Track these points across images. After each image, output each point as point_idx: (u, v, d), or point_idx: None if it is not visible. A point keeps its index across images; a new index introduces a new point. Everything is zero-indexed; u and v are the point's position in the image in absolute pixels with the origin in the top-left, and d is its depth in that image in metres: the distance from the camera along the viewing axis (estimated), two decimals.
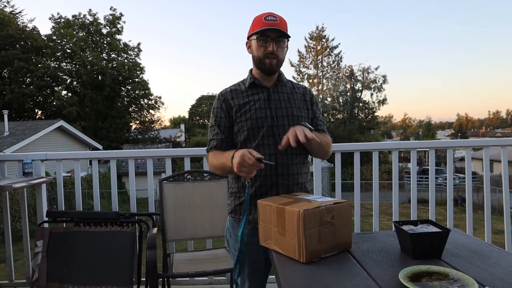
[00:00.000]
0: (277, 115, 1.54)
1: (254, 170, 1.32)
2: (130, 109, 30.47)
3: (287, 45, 1.56)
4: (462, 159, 21.39)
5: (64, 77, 28.75)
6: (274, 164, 1.46)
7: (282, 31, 1.49)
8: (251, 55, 1.59)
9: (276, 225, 1.24)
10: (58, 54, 28.35)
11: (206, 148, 1.67)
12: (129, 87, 29.86)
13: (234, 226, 1.60)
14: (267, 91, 1.57)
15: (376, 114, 36.27)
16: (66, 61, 28.99)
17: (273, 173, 1.49)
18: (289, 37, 1.53)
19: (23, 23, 28.70)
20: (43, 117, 27.96)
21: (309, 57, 34.96)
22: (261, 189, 1.50)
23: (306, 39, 34.84)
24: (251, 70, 1.64)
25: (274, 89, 1.58)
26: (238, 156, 1.31)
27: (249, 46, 1.59)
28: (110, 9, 30.06)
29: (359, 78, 35.18)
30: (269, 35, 1.48)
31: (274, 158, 1.50)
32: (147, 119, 31.50)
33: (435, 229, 1.23)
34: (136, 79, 29.76)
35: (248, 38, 1.58)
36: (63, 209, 2.87)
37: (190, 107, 51.58)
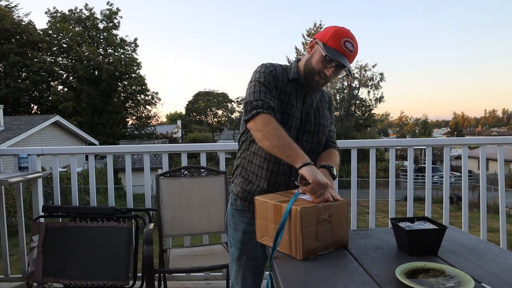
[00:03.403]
0: (306, 119, 1.53)
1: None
2: (126, 105, 30.36)
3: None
4: (457, 157, 21.49)
5: (60, 72, 28.59)
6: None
7: (347, 68, 1.42)
8: (308, 55, 1.51)
9: (273, 222, 1.24)
10: (54, 48, 28.17)
11: (259, 103, 1.42)
12: (126, 83, 29.74)
13: (234, 215, 1.61)
14: (304, 93, 1.55)
15: (373, 111, 36.37)
16: (62, 55, 28.80)
17: (286, 173, 1.48)
18: (351, 74, 1.48)
19: (18, 17, 28.49)
20: (38, 112, 27.83)
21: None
22: (273, 186, 1.49)
23: (304, 36, 34.82)
24: (298, 61, 1.58)
25: (309, 93, 1.57)
26: (327, 180, 1.26)
27: (311, 46, 1.50)
28: (107, 3, 29.87)
29: (356, 75, 35.22)
30: (337, 64, 1.42)
31: None
32: (143, 115, 31.42)
33: (432, 226, 1.24)
34: (133, 75, 29.63)
35: (315, 39, 1.48)
36: (59, 204, 2.86)
37: (187, 103, 51.46)
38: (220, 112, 51.13)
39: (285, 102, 1.50)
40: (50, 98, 27.54)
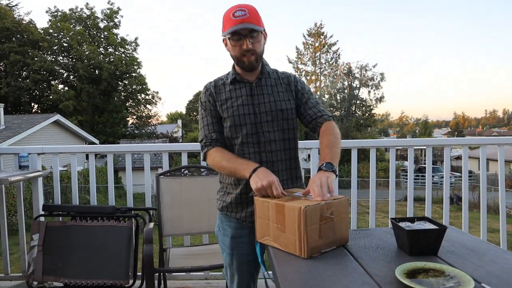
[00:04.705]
0: (260, 111, 1.51)
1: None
2: (127, 104, 30.36)
3: (264, 34, 1.48)
4: (457, 157, 21.48)
5: (60, 71, 28.59)
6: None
7: (252, 27, 1.40)
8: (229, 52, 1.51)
9: (275, 221, 1.24)
10: (55, 47, 28.14)
11: (203, 142, 1.55)
12: (126, 82, 29.74)
13: (222, 219, 1.63)
14: (249, 86, 1.53)
15: (373, 111, 36.41)
16: (63, 54, 28.80)
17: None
18: (262, 29, 1.44)
19: (19, 16, 28.51)
20: (39, 111, 27.83)
21: (307, 54, 34.99)
22: (246, 186, 1.45)
23: (304, 36, 34.84)
24: (234, 65, 1.56)
25: (257, 84, 1.53)
26: (266, 179, 1.29)
27: (225, 44, 1.50)
28: (108, 3, 29.82)
29: (357, 75, 35.27)
30: (240, 32, 1.40)
31: (258, 156, 1.50)
32: (144, 114, 31.41)
33: (432, 226, 1.23)
34: (133, 74, 29.63)
35: (223, 35, 1.49)
36: (59, 203, 2.86)
37: (188, 102, 51.48)
38: None
39: (230, 106, 1.51)
40: (51, 97, 27.52)
